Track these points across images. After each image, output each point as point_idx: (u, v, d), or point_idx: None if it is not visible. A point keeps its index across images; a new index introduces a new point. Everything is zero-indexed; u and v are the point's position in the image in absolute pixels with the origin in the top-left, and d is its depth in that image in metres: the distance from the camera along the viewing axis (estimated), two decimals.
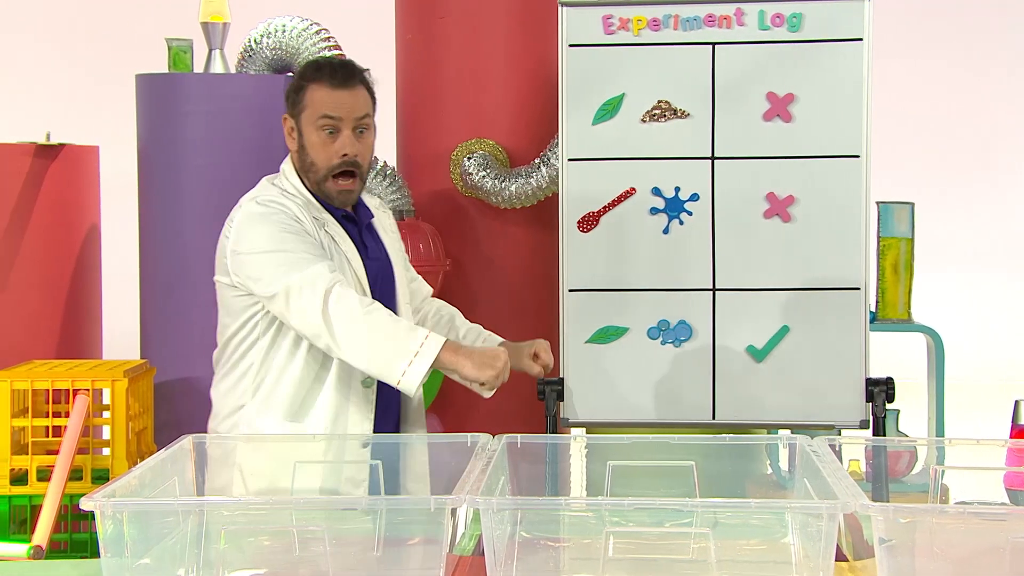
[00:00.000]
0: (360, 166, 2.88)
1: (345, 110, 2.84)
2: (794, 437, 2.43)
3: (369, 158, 2.92)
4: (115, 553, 2.03)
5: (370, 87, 2.92)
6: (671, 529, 2.13)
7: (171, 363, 4.34)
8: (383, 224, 3.07)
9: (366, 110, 2.88)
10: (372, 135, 2.92)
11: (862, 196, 3.63)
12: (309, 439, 2.78)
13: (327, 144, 2.85)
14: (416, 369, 2.68)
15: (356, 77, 2.88)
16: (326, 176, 2.87)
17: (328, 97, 2.85)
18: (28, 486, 3.86)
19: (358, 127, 2.86)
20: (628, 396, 3.70)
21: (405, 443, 2.74)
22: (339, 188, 2.87)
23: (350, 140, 2.85)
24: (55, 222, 4.46)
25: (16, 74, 8.51)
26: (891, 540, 1.95)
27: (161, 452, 2.35)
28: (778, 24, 3.62)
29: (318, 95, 2.86)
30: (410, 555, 2.19)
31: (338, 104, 2.84)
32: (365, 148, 2.89)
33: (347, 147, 2.85)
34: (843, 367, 3.65)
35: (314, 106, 2.86)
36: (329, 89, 2.85)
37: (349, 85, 2.86)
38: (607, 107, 3.68)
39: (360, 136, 2.87)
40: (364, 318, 2.70)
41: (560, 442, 2.63)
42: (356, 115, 2.85)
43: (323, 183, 2.88)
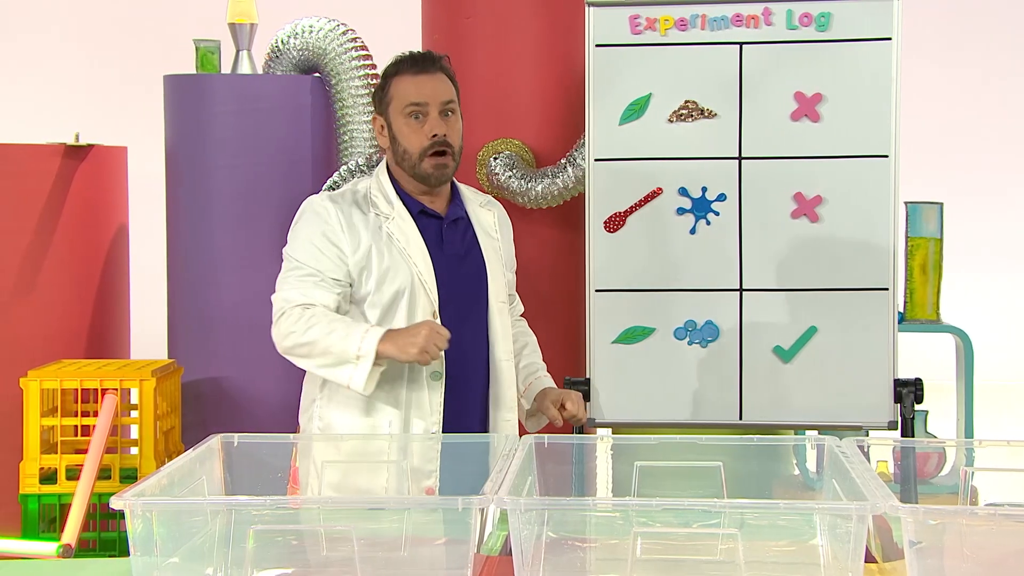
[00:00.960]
0: (451, 146, 2.90)
1: (429, 95, 2.89)
2: (822, 438, 2.42)
3: (459, 141, 2.94)
4: (145, 552, 2.04)
5: (450, 74, 2.95)
6: (699, 530, 2.12)
7: (198, 363, 4.36)
8: (482, 221, 3.04)
9: (450, 95, 2.91)
10: (459, 120, 2.94)
11: (890, 196, 3.61)
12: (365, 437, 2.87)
13: (416, 130, 2.89)
14: (360, 372, 2.78)
15: (436, 63, 2.93)
16: (421, 158, 2.89)
17: (411, 85, 2.89)
18: (57, 485, 3.89)
19: (444, 111, 2.90)
20: (654, 397, 3.69)
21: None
22: (434, 164, 2.90)
23: (438, 122, 2.89)
24: (84, 222, 4.48)
25: (45, 75, 8.57)
26: (921, 542, 1.94)
27: (189, 451, 2.35)
28: (806, 24, 3.61)
29: (402, 85, 2.91)
30: (437, 555, 2.19)
31: (421, 90, 2.89)
32: (452, 131, 2.91)
33: (436, 128, 2.88)
34: (871, 368, 3.63)
35: (399, 96, 2.90)
36: (411, 76, 2.90)
37: (430, 71, 2.91)
38: (634, 107, 3.67)
39: (447, 119, 2.90)
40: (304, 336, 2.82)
41: (586, 442, 2.62)
42: (441, 99, 2.89)
43: (419, 165, 2.90)
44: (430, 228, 2.95)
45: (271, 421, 4.31)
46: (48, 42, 8.60)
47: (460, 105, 2.97)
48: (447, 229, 2.97)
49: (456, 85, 2.97)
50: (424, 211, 2.96)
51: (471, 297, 2.96)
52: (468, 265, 2.97)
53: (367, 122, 4.36)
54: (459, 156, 2.95)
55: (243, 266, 4.36)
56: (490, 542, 2.37)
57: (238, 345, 4.37)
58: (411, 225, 2.93)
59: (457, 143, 2.93)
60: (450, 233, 2.97)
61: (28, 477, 3.89)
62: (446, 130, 2.89)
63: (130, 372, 3.96)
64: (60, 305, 4.43)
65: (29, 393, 3.90)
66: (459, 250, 2.97)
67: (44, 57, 8.58)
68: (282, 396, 4.39)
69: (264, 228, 4.36)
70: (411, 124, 2.90)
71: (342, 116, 4.39)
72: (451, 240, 2.97)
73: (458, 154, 2.94)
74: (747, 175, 3.66)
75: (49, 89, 8.51)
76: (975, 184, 8.31)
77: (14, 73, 8.61)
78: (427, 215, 2.96)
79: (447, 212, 2.99)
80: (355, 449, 2.78)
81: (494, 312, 2.98)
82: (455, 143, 2.92)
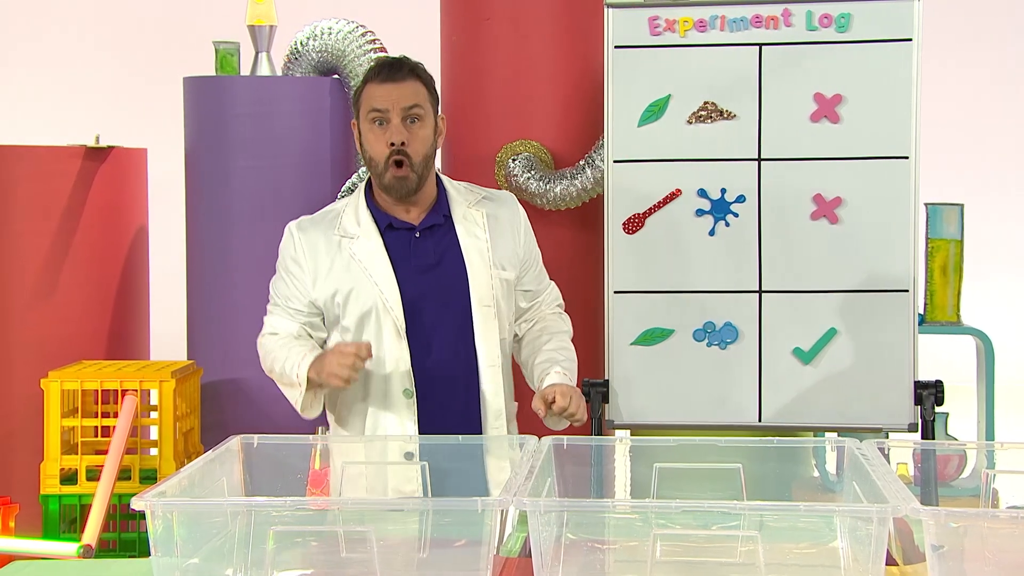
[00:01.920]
0: (409, 155, 2.87)
1: (391, 101, 2.87)
2: (842, 440, 2.41)
3: (424, 149, 2.89)
4: (165, 552, 2.05)
5: (425, 79, 2.92)
6: (718, 532, 2.12)
7: (218, 364, 4.37)
8: (468, 223, 2.98)
9: (414, 100, 2.88)
10: (427, 127, 2.90)
11: (911, 197, 3.60)
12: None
13: (379, 137, 2.88)
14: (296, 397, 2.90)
15: (404, 69, 2.91)
16: (385, 167, 2.88)
17: (376, 91, 2.89)
18: (78, 486, 3.90)
19: (407, 117, 2.87)
20: (673, 398, 3.68)
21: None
22: (393, 176, 2.88)
23: (398, 129, 2.86)
24: (104, 224, 4.50)
25: (66, 78, 8.60)
26: (942, 545, 1.93)
27: (209, 452, 2.36)
28: (826, 24, 3.60)
29: (368, 92, 2.91)
30: (457, 556, 2.19)
31: (384, 96, 2.87)
32: (416, 138, 2.88)
33: (394, 136, 2.86)
34: (891, 370, 3.61)
35: (366, 103, 2.91)
36: (378, 84, 2.89)
37: (396, 78, 2.88)
38: (653, 108, 3.67)
39: (410, 126, 2.87)
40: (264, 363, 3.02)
41: (605, 444, 2.62)
42: (403, 105, 2.87)
43: (383, 176, 2.89)
44: (398, 242, 2.93)
45: (290, 422, 4.30)
46: (68, 44, 8.64)
47: (437, 111, 2.93)
48: (417, 240, 2.94)
49: (431, 91, 2.93)
50: (391, 225, 2.94)
51: (446, 306, 2.92)
52: (441, 274, 2.93)
53: None
54: (423, 166, 2.89)
55: (262, 267, 4.35)
56: (509, 543, 2.37)
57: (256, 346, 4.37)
58: (376, 243, 2.92)
59: (420, 151, 2.88)
60: (421, 243, 2.94)
61: (49, 478, 3.90)
62: (406, 137, 2.85)
63: (150, 373, 3.97)
64: (80, 306, 4.45)
65: (50, 394, 3.91)
66: (431, 260, 2.93)
67: (64, 59, 8.62)
68: None
69: (283, 229, 4.37)
70: (375, 131, 2.88)
71: None
72: (421, 251, 2.94)
73: (420, 164, 2.88)
74: (766, 176, 3.65)
75: (69, 91, 8.54)
76: (996, 185, 8.28)
77: (35, 75, 8.65)
78: (395, 228, 2.94)
79: (422, 220, 2.95)
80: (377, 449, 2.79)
81: (477, 318, 2.93)
82: (416, 151, 2.87)
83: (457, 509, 2.16)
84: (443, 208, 2.98)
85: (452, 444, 2.58)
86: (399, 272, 2.91)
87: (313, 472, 2.59)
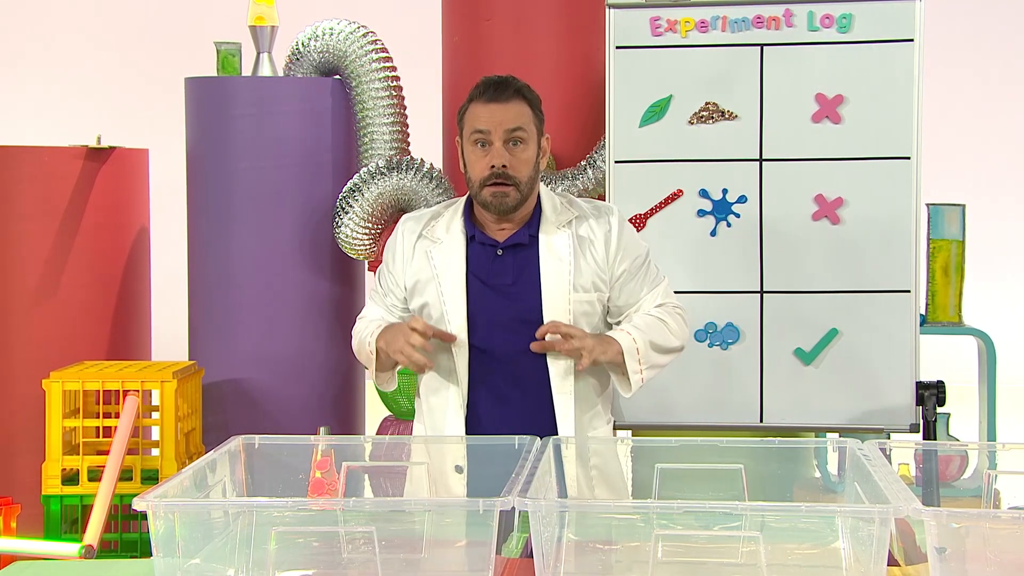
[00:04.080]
0: (511, 177, 2.83)
1: (494, 123, 2.83)
2: (844, 440, 2.41)
3: (527, 171, 2.85)
4: (167, 553, 2.05)
5: (532, 101, 2.88)
6: (720, 532, 2.12)
7: (219, 364, 4.37)
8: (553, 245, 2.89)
9: (518, 123, 2.84)
10: (530, 149, 2.86)
11: (912, 198, 3.60)
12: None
13: (480, 158, 2.84)
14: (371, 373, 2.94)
15: (509, 90, 2.86)
16: (481, 186, 2.85)
17: (480, 112, 2.85)
18: (79, 486, 3.90)
19: (510, 139, 2.83)
20: (675, 399, 3.68)
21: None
22: (492, 192, 2.84)
23: (499, 152, 2.82)
24: (105, 224, 4.50)
25: (67, 79, 8.61)
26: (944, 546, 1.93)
27: (211, 453, 2.36)
28: (827, 25, 3.60)
29: (473, 111, 2.87)
30: (458, 557, 2.19)
31: (488, 118, 2.83)
32: (518, 161, 2.83)
33: (495, 159, 2.81)
34: (893, 370, 3.62)
35: (469, 123, 2.87)
36: (482, 104, 2.85)
37: (500, 99, 2.84)
38: (654, 109, 3.67)
39: (513, 148, 2.84)
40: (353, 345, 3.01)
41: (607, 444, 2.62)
42: (506, 127, 2.83)
43: (479, 194, 2.86)
44: (480, 257, 2.89)
45: (292, 423, 4.32)
46: (70, 45, 8.64)
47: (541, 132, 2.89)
48: (499, 257, 2.89)
49: (537, 112, 2.89)
50: (475, 238, 2.90)
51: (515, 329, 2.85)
52: (516, 295, 2.87)
53: (387, 124, 4.37)
54: (527, 186, 2.85)
55: (264, 268, 4.37)
56: (510, 544, 2.37)
57: (259, 347, 4.38)
58: (457, 254, 2.89)
59: (524, 173, 2.84)
60: (501, 261, 2.89)
61: (50, 478, 3.90)
62: (508, 160, 2.82)
63: (151, 373, 3.97)
64: (82, 307, 4.45)
65: (51, 394, 3.91)
66: (507, 279, 2.88)
67: (66, 60, 8.63)
68: (303, 398, 4.40)
69: (285, 230, 4.38)
70: (476, 152, 2.85)
71: (362, 118, 4.40)
72: (499, 269, 2.89)
73: (525, 184, 2.84)
74: (768, 177, 3.65)
75: (71, 92, 8.55)
76: (998, 186, 8.27)
77: (36, 76, 8.65)
78: (479, 242, 2.90)
79: (508, 238, 2.89)
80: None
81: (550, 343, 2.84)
82: (520, 173, 2.83)
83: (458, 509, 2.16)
84: (532, 227, 2.91)
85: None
86: (471, 287, 2.87)
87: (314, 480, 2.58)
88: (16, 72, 8.67)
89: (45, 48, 8.65)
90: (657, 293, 2.94)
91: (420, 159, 4.35)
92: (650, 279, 2.95)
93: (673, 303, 2.95)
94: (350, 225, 4.30)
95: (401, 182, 4.29)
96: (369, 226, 4.32)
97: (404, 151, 4.43)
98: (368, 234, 4.33)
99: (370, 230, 4.33)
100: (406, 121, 4.46)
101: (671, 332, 2.90)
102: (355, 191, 4.29)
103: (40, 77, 8.64)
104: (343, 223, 4.30)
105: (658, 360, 2.87)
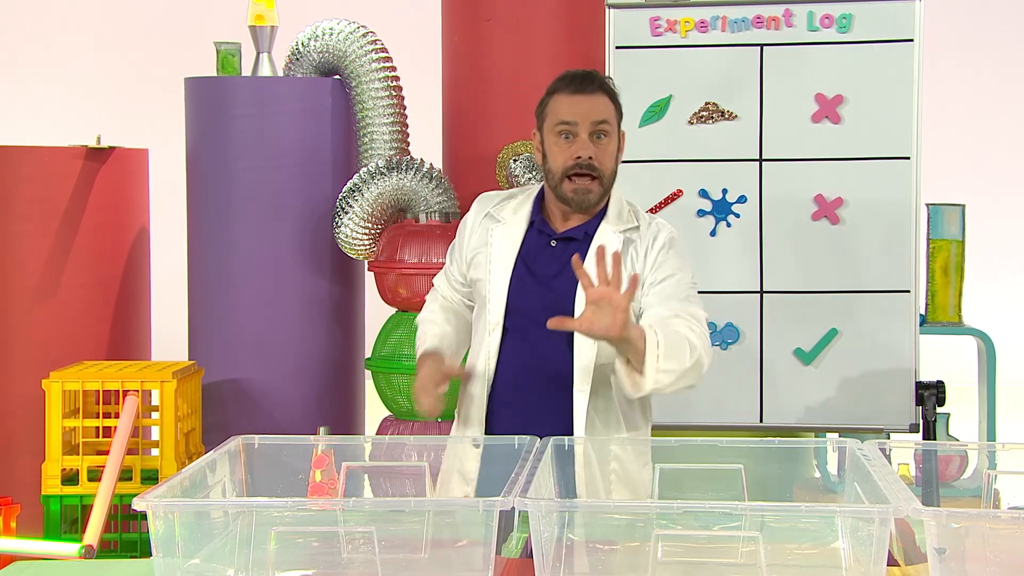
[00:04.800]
0: (596, 169, 2.81)
1: (580, 115, 2.81)
2: (844, 440, 2.41)
3: (610, 165, 2.84)
4: (167, 553, 2.05)
5: (613, 95, 2.87)
6: (720, 532, 2.12)
7: (219, 364, 4.37)
8: (604, 243, 2.79)
9: (604, 116, 2.83)
10: (613, 143, 2.84)
11: (912, 198, 3.60)
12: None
13: (564, 149, 2.82)
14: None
15: (595, 83, 2.85)
16: (562, 178, 2.83)
17: (565, 103, 2.84)
18: (79, 486, 3.90)
19: (595, 132, 2.81)
20: (675, 399, 3.67)
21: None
22: (574, 186, 2.82)
23: (585, 144, 2.80)
24: (105, 224, 4.50)
25: (67, 79, 8.61)
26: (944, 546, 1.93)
27: (211, 453, 2.36)
28: (827, 25, 3.60)
29: (557, 103, 2.85)
30: (458, 557, 2.19)
31: (573, 109, 2.82)
32: (603, 153, 2.82)
33: (581, 150, 2.80)
34: (893, 370, 3.62)
35: (553, 114, 2.85)
36: (567, 95, 2.84)
37: (586, 91, 2.83)
38: (654, 109, 3.67)
39: (597, 141, 2.83)
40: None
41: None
42: (592, 119, 2.81)
43: (560, 186, 2.84)
44: (535, 245, 2.88)
45: (291, 422, 4.32)
46: (70, 45, 8.64)
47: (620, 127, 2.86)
48: (551, 249, 2.87)
49: (618, 107, 2.87)
50: (533, 223, 2.89)
51: (540, 321, 2.76)
52: (556, 287, 2.84)
53: (387, 124, 4.37)
54: (609, 180, 2.84)
55: (263, 267, 4.37)
56: (510, 544, 2.37)
57: (259, 347, 4.38)
58: (515, 238, 2.88)
59: (608, 167, 2.83)
60: (552, 252, 2.87)
61: (50, 478, 3.91)
62: (593, 152, 2.80)
63: (151, 374, 3.97)
64: (82, 307, 4.45)
65: (51, 394, 3.91)
66: (552, 271, 2.86)
67: (66, 60, 8.63)
68: (302, 398, 4.40)
69: (284, 230, 4.38)
70: (560, 143, 2.83)
71: (362, 118, 4.40)
72: (547, 259, 2.87)
73: (608, 178, 2.84)
74: (768, 177, 3.65)
75: (71, 92, 8.55)
76: (997, 186, 8.28)
77: (37, 76, 8.65)
78: (538, 230, 2.89)
79: (565, 231, 2.87)
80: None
81: (578, 345, 2.81)
82: (604, 166, 2.82)
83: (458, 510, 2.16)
84: (592, 225, 2.89)
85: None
86: (516, 272, 2.87)
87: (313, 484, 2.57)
88: (16, 72, 8.67)
89: (45, 48, 8.65)
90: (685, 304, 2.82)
91: (420, 159, 4.35)
92: (678, 295, 2.84)
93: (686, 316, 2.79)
94: (350, 225, 4.30)
95: (401, 182, 4.29)
96: (369, 226, 4.32)
97: (404, 151, 4.43)
98: (368, 234, 4.33)
99: (370, 230, 4.33)
100: (406, 121, 4.46)
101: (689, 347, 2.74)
102: (355, 191, 4.29)
103: (40, 77, 8.64)
104: (343, 223, 4.30)
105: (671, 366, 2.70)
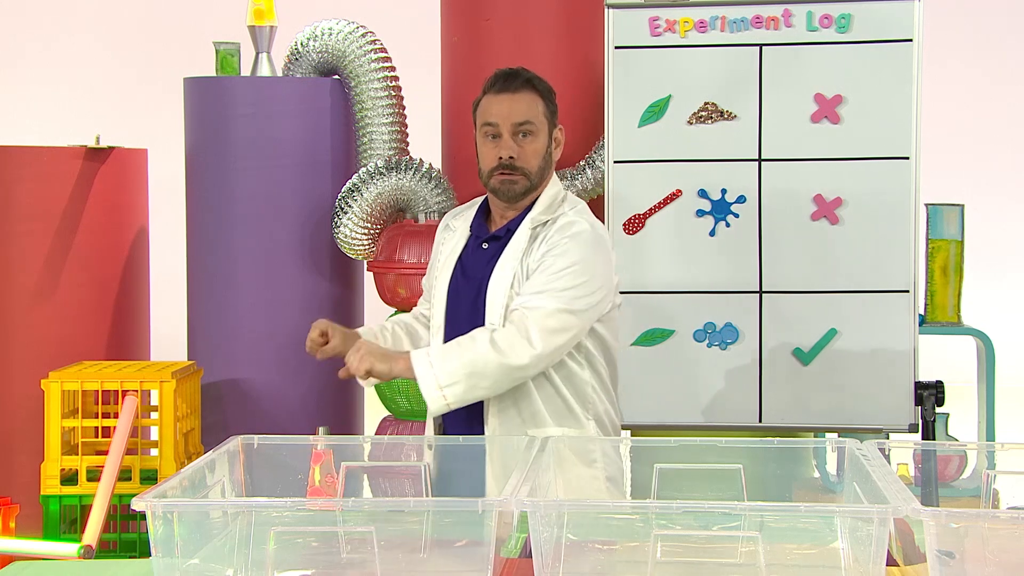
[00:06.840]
0: (519, 168, 2.84)
1: (502, 115, 2.85)
2: (843, 440, 2.41)
3: (536, 162, 2.87)
4: (166, 553, 2.05)
5: (543, 92, 2.89)
6: (719, 532, 2.12)
7: (218, 364, 4.37)
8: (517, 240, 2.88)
9: (527, 116, 2.85)
10: (539, 140, 2.87)
11: (911, 198, 3.60)
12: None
13: (490, 149, 2.87)
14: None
15: (518, 81, 2.87)
16: (490, 176, 2.87)
17: (490, 104, 2.87)
18: (78, 486, 3.90)
19: (518, 132, 2.85)
20: (674, 399, 3.68)
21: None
22: (500, 180, 2.86)
23: (508, 144, 2.84)
24: (104, 224, 4.50)
25: (66, 78, 8.60)
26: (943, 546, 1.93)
27: (210, 453, 2.36)
28: (826, 25, 3.60)
29: (484, 104, 2.89)
30: (457, 557, 2.19)
31: (496, 109, 2.86)
32: (526, 152, 2.85)
33: (503, 150, 2.84)
34: (892, 370, 3.62)
35: (480, 115, 2.90)
36: (492, 96, 2.87)
37: (509, 90, 2.86)
38: (653, 109, 3.67)
39: (522, 140, 2.85)
40: None
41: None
42: (514, 120, 2.84)
43: (488, 183, 2.89)
44: (470, 246, 2.94)
45: (291, 423, 4.32)
46: (69, 45, 8.64)
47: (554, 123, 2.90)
48: (481, 250, 2.93)
49: (548, 102, 2.90)
50: (471, 227, 2.95)
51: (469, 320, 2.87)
52: (476, 287, 2.90)
53: (386, 124, 4.37)
54: (537, 176, 2.87)
55: (263, 268, 4.37)
56: (509, 544, 2.37)
57: (258, 347, 4.38)
58: (457, 244, 2.95)
59: (533, 164, 2.86)
60: (479, 253, 2.93)
61: (49, 478, 3.90)
62: (516, 152, 2.84)
63: (150, 374, 3.97)
64: (81, 307, 4.45)
65: (50, 395, 3.91)
66: (476, 272, 2.91)
67: (65, 60, 8.62)
68: (302, 398, 4.40)
69: (284, 230, 4.38)
70: (487, 143, 2.87)
71: (361, 118, 4.40)
72: (474, 260, 2.93)
73: (535, 174, 2.86)
74: (767, 177, 3.65)
75: (70, 92, 8.54)
76: (997, 186, 8.28)
77: (36, 76, 8.65)
78: (474, 235, 2.94)
79: (492, 231, 2.93)
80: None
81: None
82: (529, 164, 2.85)
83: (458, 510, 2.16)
84: (516, 222, 2.92)
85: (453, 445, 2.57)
86: (455, 276, 2.92)
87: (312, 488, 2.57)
88: (16, 72, 8.66)
89: (45, 48, 8.65)
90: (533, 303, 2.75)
91: (419, 159, 4.35)
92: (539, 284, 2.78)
93: (522, 316, 2.75)
94: (349, 225, 4.30)
95: (400, 182, 4.29)
96: (368, 226, 4.32)
97: (403, 151, 4.43)
98: (367, 234, 4.33)
99: (369, 230, 4.33)
100: (405, 121, 4.46)
101: (479, 347, 2.73)
102: (354, 191, 4.28)
103: (40, 77, 8.64)
104: (342, 223, 4.30)
105: (453, 380, 2.70)
